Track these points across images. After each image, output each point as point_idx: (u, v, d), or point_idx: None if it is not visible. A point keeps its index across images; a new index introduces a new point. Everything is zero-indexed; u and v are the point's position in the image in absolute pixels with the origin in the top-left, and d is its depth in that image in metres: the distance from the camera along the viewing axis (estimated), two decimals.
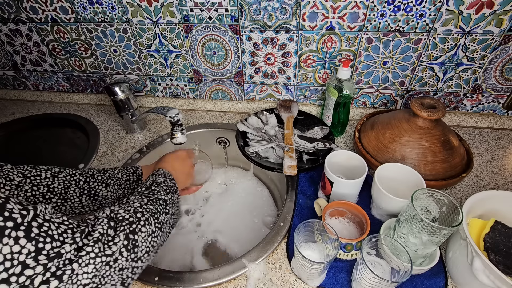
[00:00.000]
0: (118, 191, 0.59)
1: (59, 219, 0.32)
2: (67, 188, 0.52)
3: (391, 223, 0.54)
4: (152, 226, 0.42)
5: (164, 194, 0.49)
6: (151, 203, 0.45)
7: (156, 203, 0.46)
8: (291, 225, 0.60)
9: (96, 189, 0.56)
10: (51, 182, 0.51)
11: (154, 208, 0.45)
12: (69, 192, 0.53)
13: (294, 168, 0.66)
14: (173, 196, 0.51)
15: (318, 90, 0.86)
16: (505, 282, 0.39)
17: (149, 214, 0.43)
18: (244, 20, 0.73)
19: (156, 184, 0.50)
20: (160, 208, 0.46)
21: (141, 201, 0.44)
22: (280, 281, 0.52)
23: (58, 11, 0.81)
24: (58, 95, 1.03)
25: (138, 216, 0.41)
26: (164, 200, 0.48)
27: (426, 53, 0.72)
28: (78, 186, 0.54)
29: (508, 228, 0.48)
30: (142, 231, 0.40)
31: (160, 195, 0.48)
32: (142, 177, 0.62)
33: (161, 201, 0.47)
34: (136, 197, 0.45)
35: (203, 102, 0.95)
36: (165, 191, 0.50)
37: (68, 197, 0.53)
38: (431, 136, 0.63)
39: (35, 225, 0.28)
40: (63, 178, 0.53)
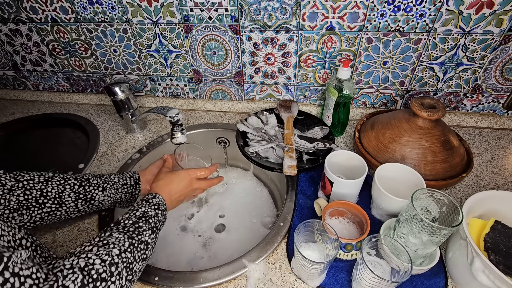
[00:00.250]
0: (116, 195, 0.58)
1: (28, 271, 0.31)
2: (61, 192, 0.52)
3: (391, 223, 0.54)
4: (122, 281, 0.40)
5: (149, 233, 0.47)
6: (130, 250, 0.43)
7: (137, 247, 0.44)
8: (291, 225, 0.60)
9: (92, 193, 0.55)
10: (45, 186, 0.50)
11: (132, 255, 0.42)
12: (64, 197, 0.52)
13: (294, 168, 0.66)
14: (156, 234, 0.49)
15: (318, 90, 0.86)
16: (505, 282, 0.39)
17: (124, 265, 0.41)
18: (244, 20, 0.73)
19: (145, 219, 0.48)
20: (139, 254, 0.44)
21: (121, 246, 0.42)
22: (280, 281, 0.52)
23: (58, 11, 0.81)
24: (58, 95, 1.04)
25: (112, 271, 0.39)
26: (146, 243, 0.46)
27: (426, 53, 0.72)
28: (73, 190, 0.53)
29: (508, 228, 0.48)
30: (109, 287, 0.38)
31: (144, 235, 0.46)
32: (140, 180, 0.61)
33: (142, 245, 0.45)
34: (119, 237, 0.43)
35: (203, 102, 0.95)
36: (151, 229, 0.48)
37: (63, 202, 0.52)
38: (431, 136, 0.63)
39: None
40: (57, 182, 0.52)
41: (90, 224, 0.63)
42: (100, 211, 0.65)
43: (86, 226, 0.63)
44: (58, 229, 0.62)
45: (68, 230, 0.62)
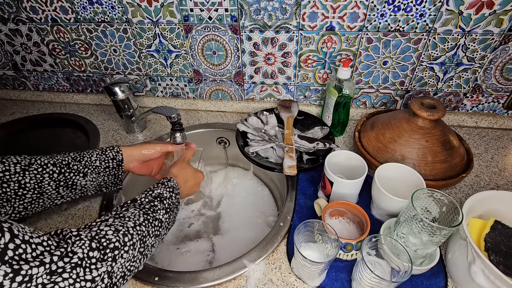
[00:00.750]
0: (98, 179, 0.57)
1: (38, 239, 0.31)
2: (40, 182, 0.50)
3: (391, 223, 0.54)
4: (135, 251, 0.42)
5: (163, 213, 0.49)
6: (145, 224, 0.45)
7: (152, 223, 0.46)
8: (291, 225, 0.60)
9: (74, 179, 0.54)
10: (22, 177, 0.48)
11: (146, 230, 0.44)
12: (44, 186, 0.50)
13: (294, 168, 0.66)
14: (171, 216, 0.51)
15: (318, 90, 0.86)
16: (505, 283, 0.39)
17: (138, 237, 0.43)
18: (244, 20, 0.73)
19: (160, 199, 0.50)
20: (153, 230, 0.46)
21: (137, 220, 0.44)
22: (280, 281, 0.52)
23: (58, 11, 0.81)
24: (58, 95, 1.03)
25: (125, 240, 0.40)
26: (161, 221, 0.48)
27: (426, 53, 0.72)
28: (52, 178, 0.51)
29: (508, 228, 0.48)
30: (123, 257, 0.40)
31: (159, 214, 0.48)
32: (123, 162, 0.60)
33: (157, 222, 0.47)
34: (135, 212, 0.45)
35: (203, 102, 0.95)
36: (165, 209, 0.50)
37: (44, 191, 0.51)
38: (431, 136, 0.63)
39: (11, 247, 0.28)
40: (34, 171, 0.50)
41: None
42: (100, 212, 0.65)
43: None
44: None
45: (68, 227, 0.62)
